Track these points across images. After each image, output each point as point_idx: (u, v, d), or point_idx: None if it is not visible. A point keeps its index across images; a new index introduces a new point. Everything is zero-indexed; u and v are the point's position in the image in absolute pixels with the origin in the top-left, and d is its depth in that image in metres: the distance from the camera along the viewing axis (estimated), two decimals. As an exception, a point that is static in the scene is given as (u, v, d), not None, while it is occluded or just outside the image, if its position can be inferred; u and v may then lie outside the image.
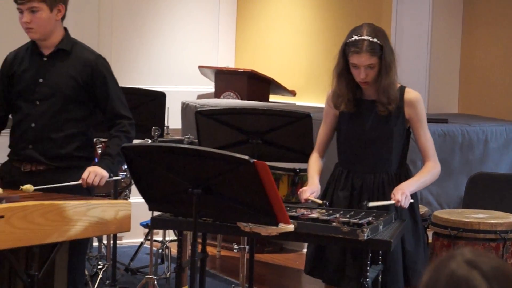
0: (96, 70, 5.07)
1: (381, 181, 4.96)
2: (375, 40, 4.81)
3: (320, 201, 4.86)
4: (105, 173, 4.92)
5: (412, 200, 4.82)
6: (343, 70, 4.94)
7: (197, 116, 6.07)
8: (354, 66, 4.85)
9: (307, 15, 9.03)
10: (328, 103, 5.09)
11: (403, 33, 8.05)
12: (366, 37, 4.81)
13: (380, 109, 4.90)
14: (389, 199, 4.82)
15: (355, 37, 4.84)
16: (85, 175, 4.88)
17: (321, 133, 5.19)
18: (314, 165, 5.15)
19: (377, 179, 4.96)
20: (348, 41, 4.88)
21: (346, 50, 4.88)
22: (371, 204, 4.82)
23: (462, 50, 8.14)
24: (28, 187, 4.90)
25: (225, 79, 9.09)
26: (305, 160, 5.49)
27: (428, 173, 4.94)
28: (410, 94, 4.97)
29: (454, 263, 1.79)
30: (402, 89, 4.97)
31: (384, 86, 4.85)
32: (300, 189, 5.03)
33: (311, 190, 4.93)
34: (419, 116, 4.95)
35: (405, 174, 5.01)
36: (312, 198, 4.89)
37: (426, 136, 4.96)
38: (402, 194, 4.71)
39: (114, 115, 5.09)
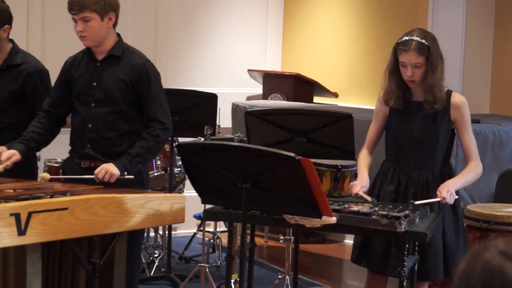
0: (143, 74, 5.06)
1: (425, 178, 4.94)
2: (423, 41, 4.82)
3: (369, 198, 4.83)
4: (115, 171, 4.88)
5: (457, 197, 4.83)
6: (394, 69, 4.95)
7: (246, 116, 6.06)
8: (402, 64, 4.86)
9: (348, 22, 9.00)
10: (380, 101, 5.11)
11: (438, 39, 7.97)
12: (415, 38, 4.83)
13: (426, 108, 4.89)
14: (433, 195, 4.82)
15: (405, 38, 4.87)
16: (97, 170, 4.89)
17: (371, 131, 5.20)
18: (364, 160, 5.14)
19: (422, 176, 4.95)
20: (399, 41, 4.90)
21: (397, 49, 4.89)
22: (417, 202, 4.80)
23: (493, 55, 8.09)
24: (45, 175, 4.94)
25: (273, 81, 9.08)
26: (347, 157, 5.48)
27: (471, 172, 4.93)
28: (457, 97, 4.96)
29: (489, 253, 1.77)
30: (449, 92, 4.96)
31: (429, 85, 4.84)
32: (351, 183, 5.03)
33: (361, 184, 4.93)
34: (464, 119, 4.94)
35: (448, 173, 5.01)
36: (361, 193, 4.88)
37: (470, 138, 4.95)
38: (448, 191, 4.71)
39: (150, 118, 5.07)
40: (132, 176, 4.96)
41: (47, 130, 5.22)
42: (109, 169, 4.86)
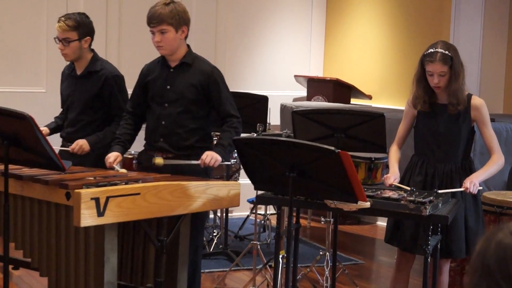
0: (212, 79, 5.08)
1: (449, 170, 4.93)
2: (446, 52, 4.81)
3: (407, 188, 4.82)
4: (219, 158, 4.92)
5: (481, 188, 4.81)
6: (421, 77, 4.94)
7: (293, 115, 6.06)
8: (430, 73, 4.85)
9: (380, 34, 8.96)
10: (409, 104, 5.09)
11: (458, 48, 7.91)
12: (439, 50, 4.81)
13: (450, 109, 4.88)
14: (456, 185, 4.83)
15: (431, 50, 4.85)
16: (203, 156, 4.90)
17: (401, 129, 5.19)
18: (394, 155, 5.14)
19: (446, 168, 4.93)
20: (425, 53, 4.88)
21: (423, 60, 4.88)
22: (440, 191, 4.76)
23: (507, 62, 8.02)
24: (159, 160, 4.97)
25: (315, 85, 9.07)
26: (379, 150, 5.47)
27: (494, 164, 4.91)
28: (476, 100, 4.95)
29: (502, 233, 1.76)
30: (469, 96, 4.95)
31: (453, 90, 4.83)
32: (385, 176, 5.02)
33: (394, 176, 4.93)
34: (483, 118, 4.92)
35: (469, 165, 4.99)
36: (395, 183, 4.88)
37: (490, 134, 4.93)
38: (471, 182, 4.71)
39: (226, 115, 5.10)
40: (229, 162, 5.05)
41: (134, 129, 5.28)
42: (214, 156, 4.90)
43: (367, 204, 4.35)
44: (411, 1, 8.59)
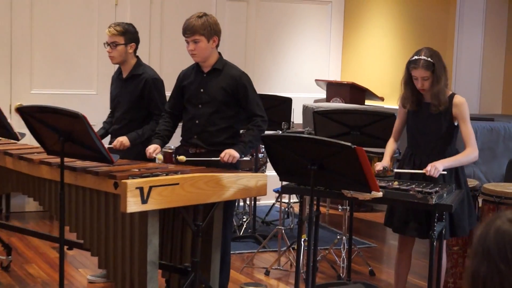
0: (240, 83, 5.09)
1: (433, 160, 4.84)
2: (429, 59, 4.78)
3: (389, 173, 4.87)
4: (236, 154, 4.93)
5: (445, 172, 4.74)
6: (408, 80, 4.94)
7: (314, 115, 6.07)
8: (415, 78, 4.85)
9: (392, 43, 8.94)
10: (400, 103, 5.08)
11: (461, 55, 7.93)
12: (422, 57, 4.79)
13: (432, 109, 4.87)
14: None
15: (415, 57, 4.84)
16: (222, 154, 4.92)
17: (396, 125, 5.19)
18: (389, 148, 5.16)
19: (430, 159, 4.86)
20: (411, 59, 4.87)
21: (409, 66, 4.88)
22: (397, 170, 4.88)
23: (505, 68, 7.99)
24: (182, 157, 5.00)
25: (334, 88, 9.06)
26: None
27: (464, 156, 4.85)
28: (457, 99, 4.91)
29: (500, 221, 1.76)
30: (452, 95, 4.92)
31: (435, 92, 4.82)
32: (375, 163, 5.03)
33: (382, 164, 4.96)
34: (463, 115, 4.87)
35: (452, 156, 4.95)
36: (379, 168, 4.92)
37: (467, 129, 4.87)
38: (432, 166, 4.67)
39: (251, 114, 5.11)
40: (248, 158, 5.07)
41: (172, 127, 5.30)
42: (231, 153, 4.91)
43: (380, 194, 4.34)
44: (419, 14, 8.56)
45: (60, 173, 4.54)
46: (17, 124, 5.81)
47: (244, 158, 7.22)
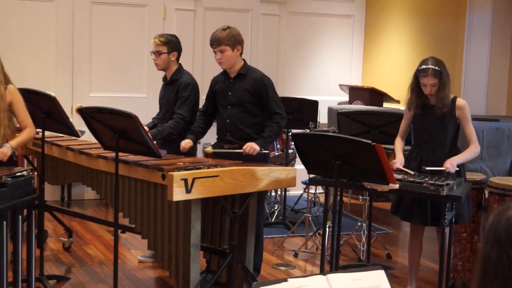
0: (261, 84, 5.10)
1: (438, 156, 4.87)
2: (436, 68, 4.78)
3: (411, 172, 4.78)
4: (257, 147, 4.95)
5: (457, 168, 4.77)
6: (415, 87, 4.93)
7: (338, 116, 6.05)
8: (423, 84, 4.83)
9: (407, 52, 8.88)
10: (406, 107, 5.07)
11: (470, 62, 7.86)
12: (431, 66, 4.79)
13: (437, 111, 4.85)
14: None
15: (424, 66, 4.83)
16: (244, 147, 4.95)
17: (402, 125, 5.16)
18: (399, 145, 5.12)
19: (436, 155, 4.88)
20: (419, 68, 4.86)
21: (418, 74, 4.86)
22: (427, 168, 4.79)
23: (509, 74, 7.89)
24: (209, 149, 5.01)
25: (356, 92, 9.01)
26: (406, 143, 5.40)
27: (470, 152, 4.85)
28: (460, 101, 4.90)
29: (511, 211, 1.73)
30: (454, 98, 4.90)
31: (441, 97, 4.81)
32: (392, 161, 4.97)
33: (400, 162, 4.91)
34: (465, 115, 4.87)
35: (455, 153, 4.91)
36: (402, 167, 4.85)
37: (470, 129, 4.88)
38: (450, 164, 4.70)
39: (271, 112, 5.12)
40: (267, 151, 5.07)
41: (205, 125, 5.33)
42: (253, 146, 4.94)
43: (396, 186, 4.32)
44: (432, 26, 8.50)
45: (115, 166, 4.56)
46: (78, 123, 5.84)
47: (276, 153, 7.27)
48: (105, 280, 5.43)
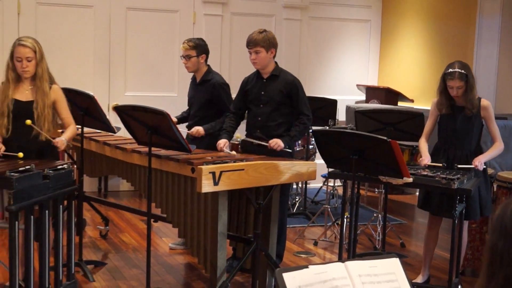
0: (293, 86, 5.07)
1: (465, 154, 4.85)
2: (462, 71, 4.72)
3: (440, 164, 4.77)
4: (282, 144, 4.93)
5: (484, 166, 4.76)
6: (443, 89, 4.86)
7: (355, 114, 6.02)
8: (450, 87, 4.78)
9: (421, 54, 8.83)
10: (433, 107, 5.00)
11: (480, 65, 7.80)
12: (457, 70, 4.73)
13: (467, 112, 4.81)
14: (470, 165, 4.75)
15: (450, 70, 4.77)
16: (270, 141, 4.92)
17: (427, 126, 5.10)
18: (424, 145, 5.05)
19: (463, 153, 4.85)
20: (446, 72, 4.80)
21: (445, 77, 4.80)
22: (460, 166, 4.75)
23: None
24: (238, 135, 4.99)
25: (372, 92, 8.97)
26: (419, 140, 5.37)
27: (495, 149, 4.83)
28: (484, 102, 4.86)
29: None
30: (479, 99, 4.86)
31: (469, 99, 4.77)
32: (420, 159, 4.94)
33: (428, 159, 4.86)
34: (490, 116, 4.83)
35: (480, 150, 4.88)
36: (430, 163, 4.82)
37: (494, 127, 4.84)
38: (479, 161, 4.68)
39: (299, 112, 5.09)
40: (290, 150, 5.05)
41: (236, 124, 5.30)
42: (278, 143, 4.92)
43: (410, 180, 4.29)
44: (445, 30, 8.44)
45: (148, 159, 4.58)
46: (114, 120, 5.87)
47: (297, 149, 7.25)
48: (139, 265, 5.46)
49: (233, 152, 5.01)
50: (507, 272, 1.58)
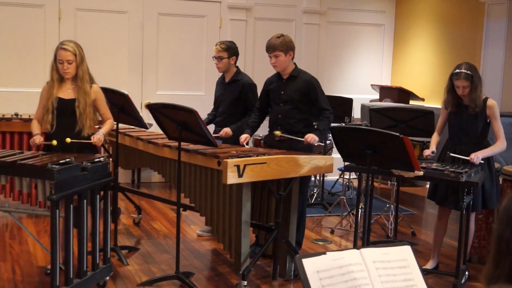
0: (311, 85, 5.05)
1: (471, 149, 4.78)
2: (468, 72, 4.69)
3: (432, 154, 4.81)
4: (317, 138, 4.89)
5: (482, 161, 4.68)
6: (450, 88, 4.83)
7: (370, 112, 5.99)
8: (457, 86, 4.74)
9: (431, 56, 8.77)
10: (443, 105, 4.96)
11: (487, 65, 7.71)
12: (463, 70, 4.70)
13: (470, 110, 4.77)
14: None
15: (457, 70, 4.74)
16: (306, 136, 4.88)
17: (439, 122, 5.07)
18: (434, 139, 5.04)
19: (469, 148, 4.80)
20: (453, 72, 4.77)
21: (452, 77, 4.77)
22: (451, 154, 4.75)
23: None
24: (278, 132, 4.98)
25: (385, 91, 8.92)
26: (429, 136, 5.34)
27: (497, 147, 4.76)
28: (490, 102, 4.80)
29: None
30: (485, 99, 4.80)
31: (473, 98, 4.73)
32: (424, 150, 4.93)
33: (430, 150, 4.87)
34: (494, 115, 4.77)
35: (485, 146, 4.83)
36: (429, 155, 4.84)
37: (498, 126, 4.78)
38: (475, 155, 4.63)
39: (321, 109, 5.05)
40: (323, 144, 5.03)
41: (260, 120, 5.29)
42: (314, 136, 4.88)
43: (421, 173, 4.27)
44: (454, 33, 8.37)
45: (178, 153, 4.60)
46: (146, 116, 5.91)
47: (315, 144, 7.23)
48: (169, 251, 5.49)
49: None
50: (512, 261, 1.57)
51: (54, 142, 4.44)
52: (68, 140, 4.45)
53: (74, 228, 4.11)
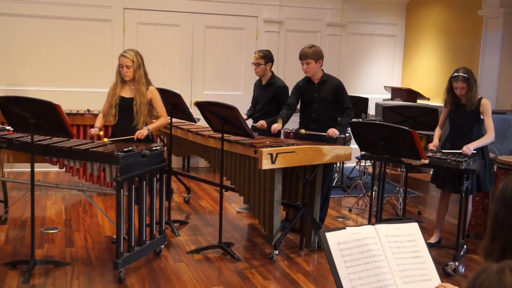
0: (339, 87, 5.02)
1: (466, 141, 4.68)
2: (465, 75, 4.61)
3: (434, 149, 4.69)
4: (337, 132, 4.87)
5: (474, 152, 4.55)
6: (449, 89, 4.76)
7: (383, 109, 5.91)
8: (455, 88, 4.66)
9: (436, 62, 8.62)
10: (443, 105, 4.89)
11: (484, 69, 7.56)
12: (460, 74, 4.62)
13: (466, 108, 4.69)
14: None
15: (455, 74, 4.66)
16: (328, 131, 4.86)
17: (441, 118, 5.00)
18: (437, 133, 4.97)
19: (465, 141, 4.70)
20: (452, 75, 4.69)
21: (451, 80, 4.69)
22: (444, 150, 4.65)
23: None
24: (303, 131, 4.95)
25: (396, 92, 8.80)
26: (433, 130, 5.25)
27: (486, 139, 4.64)
28: (483, 101, 4.70)
29: None
30: (480, 98, 4.71)
31: (469, 97, 4.64)
32: (429, 144, 4.86)
33: (433, 144, 4.79)
34: (486, 111, 4.67)
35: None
36: (432, 148, 4.74)
37: (488, 121, 4.67)
38: (467, 147, 4.51)
39: (345, 107, 5.03)
40: (344, 136, 4.99)
41: (290, 114, 5.22)
42: (335, 131, 4.86)
43: (426, 161, 4.23)
44: (455, 43, 8.22)
45: (221, 143, 4.61)
46: (195, 112, 5.93)
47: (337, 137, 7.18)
48: (213, 225, 5.51)
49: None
50: (506, 236, 1.54)
51: (105, 140, 4.46)
52: (105, 140, 4.43)
53: (135, 204, 4.16)
